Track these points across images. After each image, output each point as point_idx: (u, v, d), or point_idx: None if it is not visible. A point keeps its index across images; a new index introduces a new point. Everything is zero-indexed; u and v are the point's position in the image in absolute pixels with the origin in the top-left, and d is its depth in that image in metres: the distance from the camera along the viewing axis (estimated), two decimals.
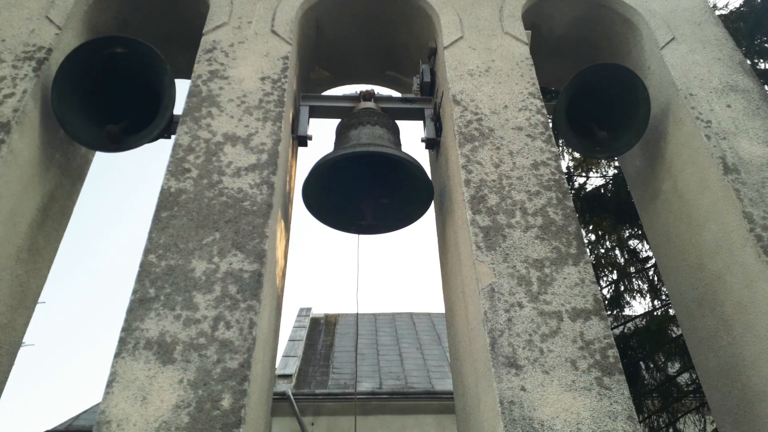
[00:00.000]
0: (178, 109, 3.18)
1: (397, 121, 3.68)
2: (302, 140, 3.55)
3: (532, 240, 2.63)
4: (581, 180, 7.99)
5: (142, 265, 2.42)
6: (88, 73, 3.20)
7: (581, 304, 2.42)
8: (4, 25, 3.27)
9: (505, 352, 2.26)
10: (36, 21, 3.31)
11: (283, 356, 11.60)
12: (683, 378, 7.19)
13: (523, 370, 2.21)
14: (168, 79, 3.20)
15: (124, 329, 2.24)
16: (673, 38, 3.68)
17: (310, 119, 3.64)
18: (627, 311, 7.76)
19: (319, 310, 15.31)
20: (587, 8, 3.96)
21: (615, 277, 7.75)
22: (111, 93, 3.32)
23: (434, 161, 3.73)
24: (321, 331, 13.88)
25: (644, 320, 7.33)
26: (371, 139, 3.30)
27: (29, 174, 2.98)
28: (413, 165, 3.20)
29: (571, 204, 2.81)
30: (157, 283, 2.37)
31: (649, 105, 3.46)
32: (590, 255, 7.59)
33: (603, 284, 7.70)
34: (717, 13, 4.18)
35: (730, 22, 6.99)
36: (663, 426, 6.97)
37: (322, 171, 3.23)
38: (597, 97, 3.56)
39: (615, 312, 7.65)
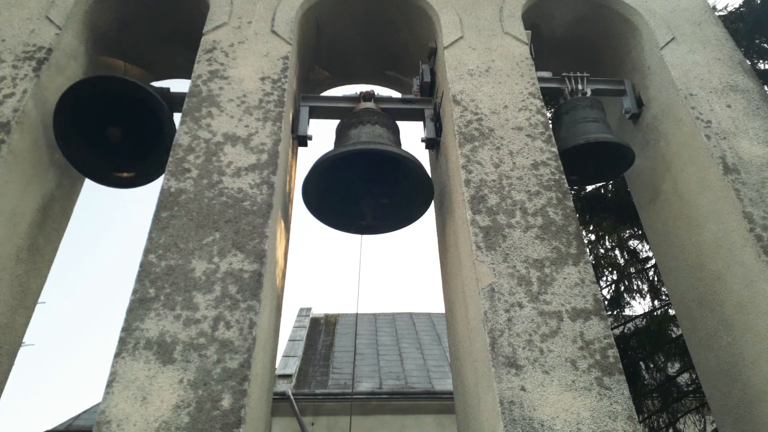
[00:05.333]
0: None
1: (397, 122, 3.68)
2: (302, 140, 3.55)
3: (532, 240, 2.63)
4: None
5: (142, 265, 2.42)
6: (88, 110, 3.24)
7: (581, 304, 2.42)
8: (4, 25, 3.27)
9: (505, 352, 2.25)
10: (36, 21, 3.31)
11: (283, 356, 11.58)
12: (683, 378, 7.19)
13: (523, 370, 2.21)
14: (167, 117, 3.25)
15: (124, 329, 2.23)
16: (673, 38, 3.68)
17: (310, 120, 3.64)
18: (627, 311, 7.75)
19: (319, 310, 15.31)
20: (587, 8, 3.96)
21: (615, 277, 7.74)
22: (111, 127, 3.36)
23: (434, 161, 3.73)
24: (321, 331, 13.87)
25: (644, 320, 7.32)
26: (371, 138, 3.30)
27: (29, 174, 2.98)
28: (413, 163, 3.20)
29: (571, 204, 2.81)
30: (157, 283, 2.37)
31: (630, 165, 3.65)
32: (590, 255, 7.59)
33: (603, 284, 7.69)
34: (716, 14, 4.18)
35: (730, 22, 6.99)
36: (663, 426, 6.97)
37: (322, 169, 3.22)
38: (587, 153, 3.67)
39: (615, 312, 7.65)
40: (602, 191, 7.80)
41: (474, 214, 2.71)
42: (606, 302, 7.56)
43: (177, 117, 3.19)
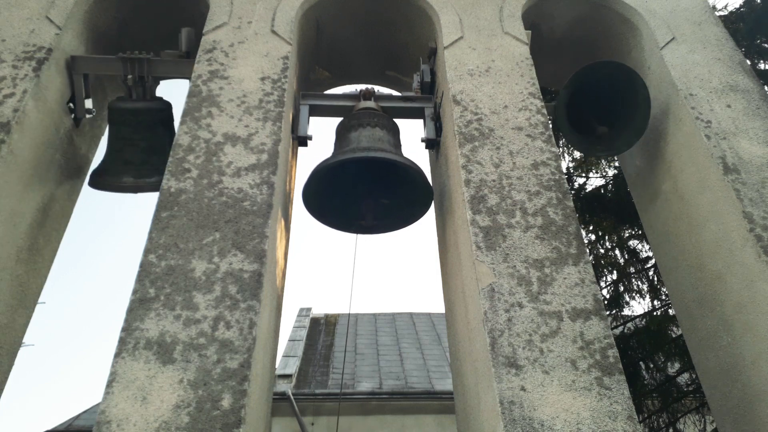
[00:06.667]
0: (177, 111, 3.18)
1: (397, 120, 3.68)
2: (302, 140, 3.55)
3: (532, 240, 2.63)
4: (581, 180, 7.98)
5: (142, 265, 2.42)
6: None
7: (581, 304, 2.42)
8: (4, 25, 3.27)
9: (505, 352, 2.25)
10: (36, 21, 3.31)
11: (283, 356, 11.58)
12: (683, 378, 7.19)
13: (523, 370, 2.21)
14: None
15: (124, 329, 2.24)
16: (673, 38, 3.68)
17: (311, 118, 3.63)
18: (627, 311, 7.75)
19: (319, 310, 15.31)
20: (587, 8, 3.96)
21: (615, 277, 7.74)
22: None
23: (434, 161, 3.73)
24: (321, 331, 13.87)
25: (644, 320, 7.32)
26: (371, 142, 3.30)
27: (29, 174, 2.98)
28: (413, 169, 3.21)
29: (571, 204, 2.81)
30: (157, 283, 2.37)
31: (649, 104, 3.47)
32: (590, 255, 7.58)
33: (603, 284, 7.69)
34: (717, 14, 4.18)
35: (730, 22, 6.98)
36: (663, 426, 6.97)
37: (322, 175, 3.23)
38: (597, 95, 3.58)
39: (615, 312, 7.65)
40: (602, 191, 7.80)
41: (474, 214, 2.71)
42: (606, 302, 7.56)
43: None
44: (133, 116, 3.40)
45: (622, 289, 7.67)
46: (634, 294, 7.64)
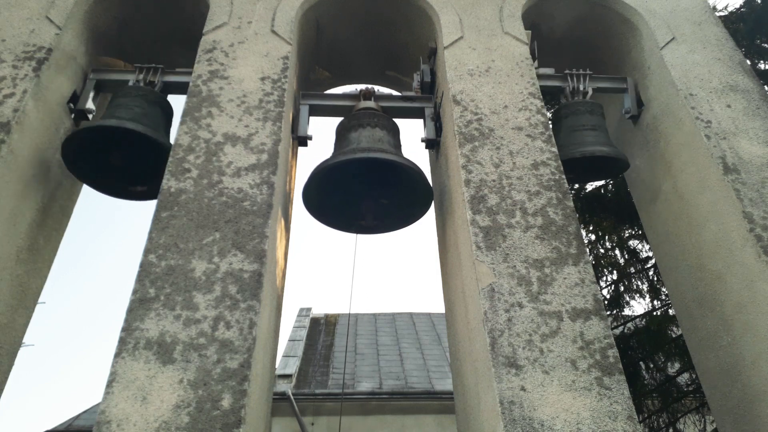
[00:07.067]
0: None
1: (397, 120, 3.68)
2: (302, 140, 3.55)
3: (532, 240, 2.63)
4: None
5: (142, 265, 2.43)
6: (94, 142, 3.28)
7: (581, 304, 2.42)
8: (4, 25, 3.27)
9: (505, 352, 2.26)
10: (36, 21, 3.32)
11: (283, 356, 11.58)
12: (683, 378, 7.19)
13: (523, 370, 2.21)
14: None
15: (124, 329, 2.24)
16: (673, 38, 3.68)
17: (311, 118, 3.63)
18: (627, 311, 7.75)
19: (319, 310, 15.32)
20: (587, 8, 3.96)
21: (615, 277, 7.74)
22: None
23: (434, 161, 3.73)
24: (321, 331, 13.87)
25: (644, 320, 7.32)
26: (371, 143, 3.30)
27: (29, 174, 2.98)
28: (413, 171, 3.21)
29: (571, 204, 2.81)
30: (157, 283, 2.37)
31: (625, 170, 3.74)
32: (590, 255, 7.58)
33: (603, 284, 7.69)
34: (717, 14, 4.18)
35: (730, 23, 6.98)
36: (663, 426, 6.97)
37: (322, 176, 3.24)
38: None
39: (615, 312, 7.65)
40: (602, 191, 7.80)
41: (474, 214, 2.71)
42: (606, 302, 7.56)
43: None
44: (135, 90, 3.41)
45: (622, 289, 7.67)
46: (634, 294, 7.64)
